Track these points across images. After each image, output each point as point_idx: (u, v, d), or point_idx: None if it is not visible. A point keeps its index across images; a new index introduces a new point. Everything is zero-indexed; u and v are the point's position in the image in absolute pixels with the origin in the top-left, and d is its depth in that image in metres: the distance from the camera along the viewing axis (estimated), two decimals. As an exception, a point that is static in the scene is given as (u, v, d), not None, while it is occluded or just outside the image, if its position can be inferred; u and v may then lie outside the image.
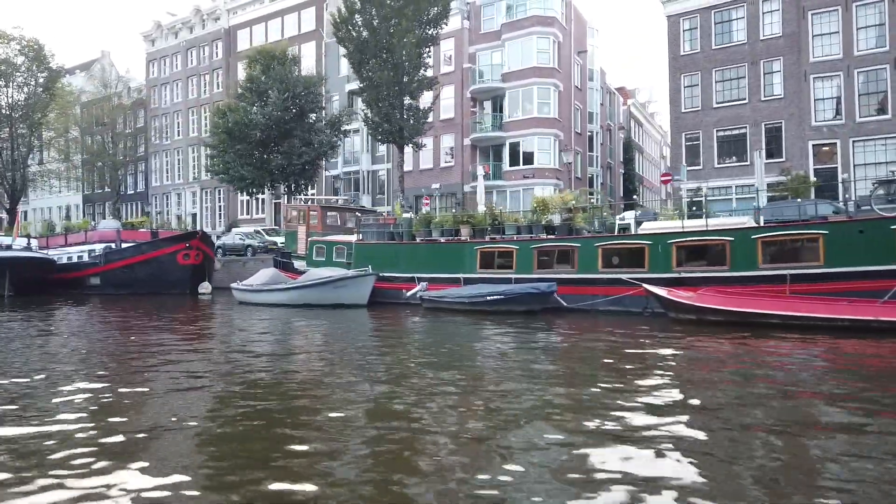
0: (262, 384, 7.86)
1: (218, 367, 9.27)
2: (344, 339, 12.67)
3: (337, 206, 25.04)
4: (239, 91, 32.66)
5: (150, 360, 9.92)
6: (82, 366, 9.43)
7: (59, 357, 10.21)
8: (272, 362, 9.75)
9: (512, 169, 36.23)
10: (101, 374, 8.73)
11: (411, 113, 29.56)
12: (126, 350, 11.17)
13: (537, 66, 35.50)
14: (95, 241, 28.99)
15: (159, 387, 7.70)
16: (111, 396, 7.21)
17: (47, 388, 7.68)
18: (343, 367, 9.14)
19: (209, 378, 8.36)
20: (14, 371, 8.94)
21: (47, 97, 48.70)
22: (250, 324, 15.70)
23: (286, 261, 22.74)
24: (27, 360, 10.10)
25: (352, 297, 18.31)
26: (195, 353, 10.85)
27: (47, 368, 9.13)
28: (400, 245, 19.94)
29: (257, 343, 12.14)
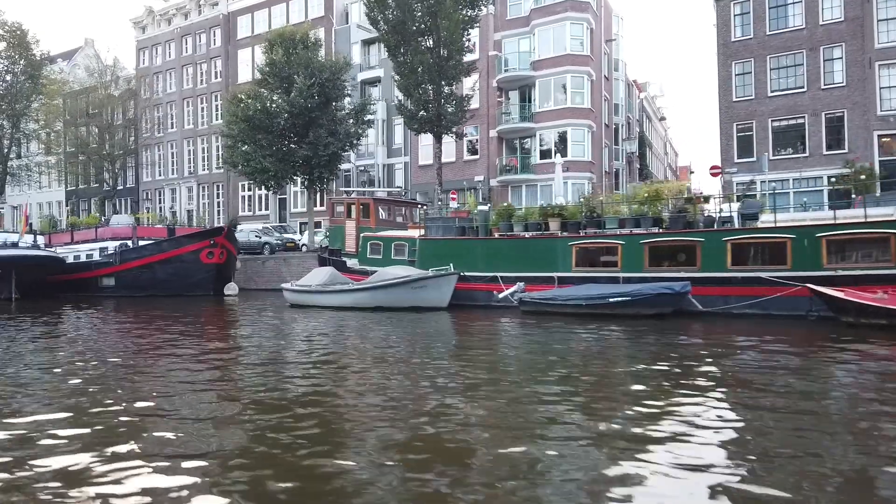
0: (381, 412, 5.91)
1: (311, 383, 7.27)
2: (444, 349, 10.74)
3: (391, 198, 22.93)
4: (258, 77, 30.26)
5: (215, 383, 7.89)
6: (119, 402, 6.99)
7: (93, 394, 7.83)
8: (378, 377, 7.77)
9: (543, 162, 34.43)
10: (150, 415, 6.35)
11: (452, 100, 27.58)
12: (176, 375, 8.81)
13: (571, 54, 33.77)
14: (108, 239, 26.44)
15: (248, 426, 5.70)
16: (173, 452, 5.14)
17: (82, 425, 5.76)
18: (465, 391, 7.22)
19: (302, 401, 6.38)
20: (30, 396, 7.24)
21: (31, 86, 45.60)
22: (317, 330, 13.71)
23: (337, 259, 20.60)
24: (45, 381, 8.31)
25: (432, 298, 16.35)
26: (278, 374, 8.82)
27: (78, 399, 7.07)
28: (475, 241, 18.00)
29: (343, 355, 10.13)
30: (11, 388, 7.74)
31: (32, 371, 9.29)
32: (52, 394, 7.42)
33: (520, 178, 35.04)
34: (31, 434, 5.57)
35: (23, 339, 13.27)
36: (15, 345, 12.57)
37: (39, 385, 8.04)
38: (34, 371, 9.28)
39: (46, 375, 8.83)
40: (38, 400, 7.10)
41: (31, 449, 5.14)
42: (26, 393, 7.50)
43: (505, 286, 16.25)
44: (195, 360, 10.02)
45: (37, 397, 7.26)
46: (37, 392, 7.56)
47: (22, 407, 6.70)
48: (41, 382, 8.24)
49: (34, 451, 5.08)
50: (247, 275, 30.36)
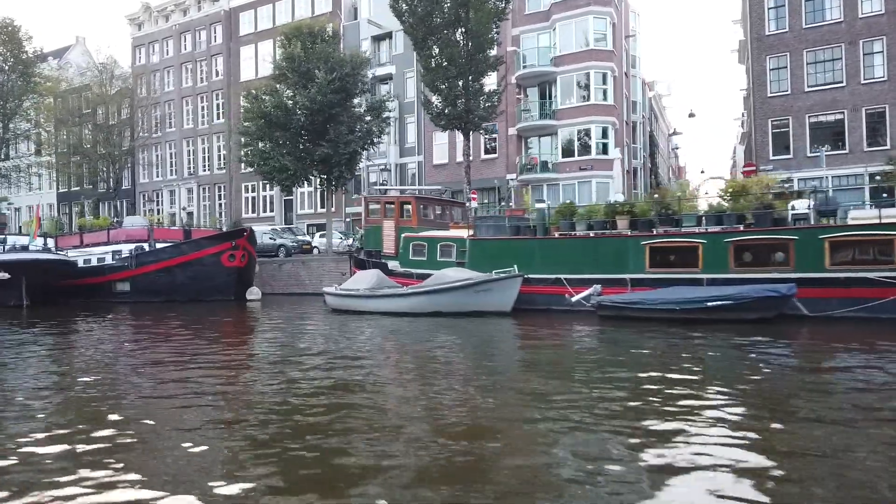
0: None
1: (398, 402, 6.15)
2: (520, 360, 9.64)
3: (432, 197, 21.74)
4: (274, 72, 28.93)
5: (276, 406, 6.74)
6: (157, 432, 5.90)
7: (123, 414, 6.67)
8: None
9: (565, 160, 33.45)
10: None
11: (480, 95, 26.48)
12: (223, 393, 7.68)
13: (594, 49, 32.83)
14: (121, 241, 24.97)
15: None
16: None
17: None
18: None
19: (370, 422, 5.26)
20: (45, 416, 6.61)
21: (23, 84, 43.85)
22: (376, 337, 12.57)
23: (378, 261, 19.39)
24: (59, 394, 7.74)
25: (495, 303, 15.24)
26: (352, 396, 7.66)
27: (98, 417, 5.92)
28: (533, 242, 16.91)
29: (413, 367, 8.98)
30: (24, 400, 7.45)
31: (46, 383, 8.62)
32: (65, 407, 7.04)
33: (541, 177, 34.01)
34: (46, 448, 5.35)
35: (36, 350, 12.15)
36: (28, 355, 11.48)
37: (52, 398, 7.61)
38: (48, 383, 8.62)
39: (60, 388, 8.20)
40: (53, 413, 6.79)
41: (46, 461, 5.00)
42: (39, 406, 7.12)
43: (573, 289, 15.16)
44: (239, 372, 8.83)
45: (50, 411, 6.90)
46: (49, 405, 7.17)
47: (36, 419, 6.46)
48: (55, 395, 7.78)
49: (50, 463, 4.93)
50: (262, 279, 29.00)
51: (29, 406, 7.10)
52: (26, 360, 10.98)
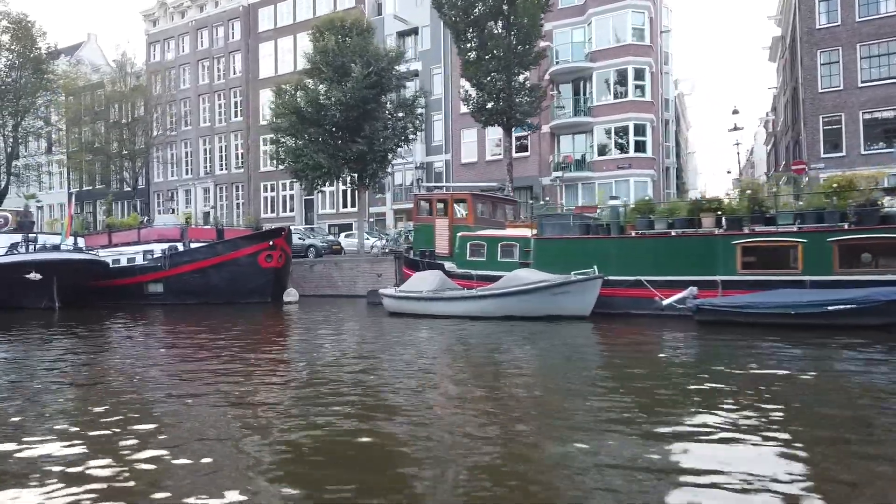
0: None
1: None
2: (623, 373, 8.64)
3: (488, 194, 20.75)
4: (308, 67, 27.93)
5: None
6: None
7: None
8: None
9: (602, 158, 32.51)
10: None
11: (523, 89, 25.55)
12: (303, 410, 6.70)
13: (633, 44, 31.90)
14: (152, 241, 23.95)
15: None
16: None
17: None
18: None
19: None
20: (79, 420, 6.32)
21: (36, 81, 42.87)
22: (450, 344, 11.58)
23: (433, 262, 18.39)
24: (105, 406, 7.01)
25: (573, 306, 14.26)
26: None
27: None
28: (607, 241, 15.92)
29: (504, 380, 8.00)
30: (60, 402, 7.25)
31: (83, 388, 8.13)
32: (102, 413, 6.65)
33: (576, 176, 33.05)
34: (76, 449, 5.27)
35: (73, 355, 11.18)
36: (64, 360, 10.59)
37: (89, 402, 7.29)
38: (84, 388, 8.13)
39: (97, 394, 7.72)
40: (87, 417, 6.58)
41: (74, 462, 4.95)
42: (74, 409, 6.92)
43: (659, 291, 14.18)
44: (299, 381, 7.83)
45: (84, 415, 6.66)
46: (85, 409, 6.91)
47: (69, 422, 6.29)
48: (91, 399, 7.43)
49: (84, 470, 4.78)
50: (293, 280, 27.97)
51: (65, 409, 6.87)
52: (62, 365, 10.07)
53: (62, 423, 6.25)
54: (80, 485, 4.45)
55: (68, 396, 7.75)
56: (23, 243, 20.64)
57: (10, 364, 10.43)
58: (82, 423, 6.28)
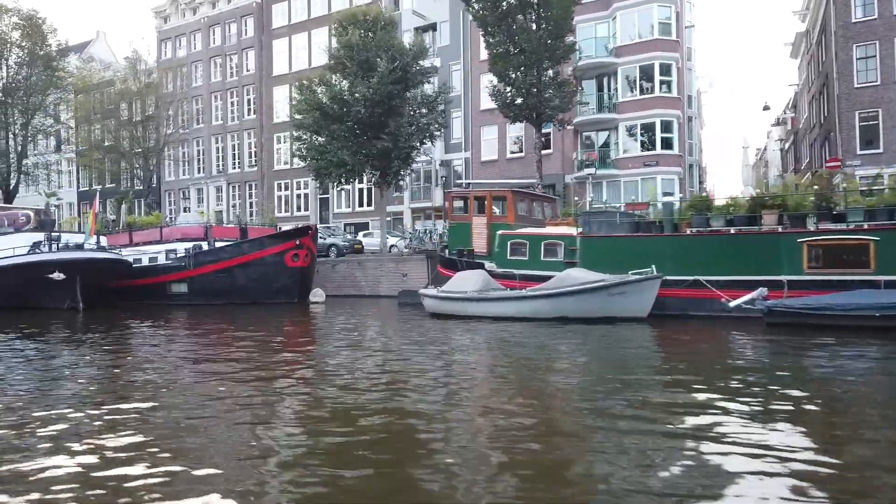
0: None
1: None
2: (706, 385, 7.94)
3: (528, 191, 20.12)
4: (331, 62, 27.30)
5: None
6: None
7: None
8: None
9: (627, 156, 31.87)
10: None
11: (553, 84, 24.93)
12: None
13: (659, 39, 31.26)
14: (175, 240, 23.35)
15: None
16: None
17: None
18: None
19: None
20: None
21: (48, 78, 42.31)
22: (497, 348, 10.98)
23: (471, 261, 17.75)
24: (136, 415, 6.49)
25: (630, 307, 13.65)
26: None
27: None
28: (660, 239, 15.30)
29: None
30: (91, 405, 6.96)
31: (116, 395, 7.62)
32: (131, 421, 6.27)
33: (600, 174, 32.40)
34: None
35: (105, 361, 10.57)
36: (96, 364, 10.10)
37: (120, 409, 6.81)
38: (117, 396, 7.60)
39: (130, 402, 7.17)
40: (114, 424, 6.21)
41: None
42: (106, 415, 6.53)
43: (722, 292, 13.53)
44: (338, 386, 7.20)
45: (112, 422, 6.29)
46: (114, 416, 6.49)
47: (101, 427, 5.99)
48: (123, 406, 6.96)
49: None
50: (315, 280, 27.39)
51: (97, 414, 6.56)
52: (97, 370, 9.58)
53: (95, 430, 5.88)
54: (101, 490, 4.33)
55: (106, 402, 7.18)
56: (45, 242, 20.04)
57: (45, 368, 9.81)
58: (118, 428, 5.94)
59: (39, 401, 7.24)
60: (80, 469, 4.75)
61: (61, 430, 5.87)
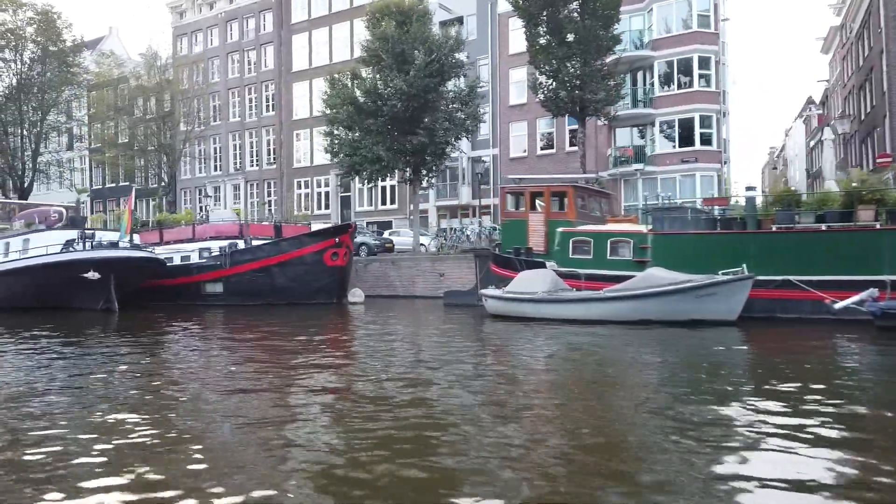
0: None
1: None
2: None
3: (589, 186, 19.24)
4: (364, 55, 26.39)
5: None
6: None
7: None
8: None
9: (665, 152, 30.95)
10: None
11: (599, 76, 24.05)
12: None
13: (699, 31, 30.33)
14: (208, 238, 22.47)
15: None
16: None
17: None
18: None
19: None
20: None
21: (63, 74, 41.51)
22: (577, 354, 10.07)
23: (531, 260, 16.86)
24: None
25: (719, 310, 12.76)
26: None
27: None
28: (744, 236, 14.40)
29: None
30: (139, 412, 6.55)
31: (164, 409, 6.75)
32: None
33: (635, 171, 31.50)
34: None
35: (153, 367, 9.78)
36: (146, 376, 9.04)
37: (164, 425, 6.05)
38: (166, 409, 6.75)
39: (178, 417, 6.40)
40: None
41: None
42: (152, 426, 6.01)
43: (825, 293, 12.62)
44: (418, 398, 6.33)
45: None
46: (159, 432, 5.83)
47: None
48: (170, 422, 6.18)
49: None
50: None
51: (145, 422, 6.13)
52: (148, 380, 8.64)
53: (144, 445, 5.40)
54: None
55: (172, 409, 6.35)
56: (79, 240, 19.17)
57: (93, 377, 8.93)
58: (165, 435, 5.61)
59: (103, 406, 6.79)
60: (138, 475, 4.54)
61: (123, 437, 5.47)
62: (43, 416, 6.32)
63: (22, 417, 6.34)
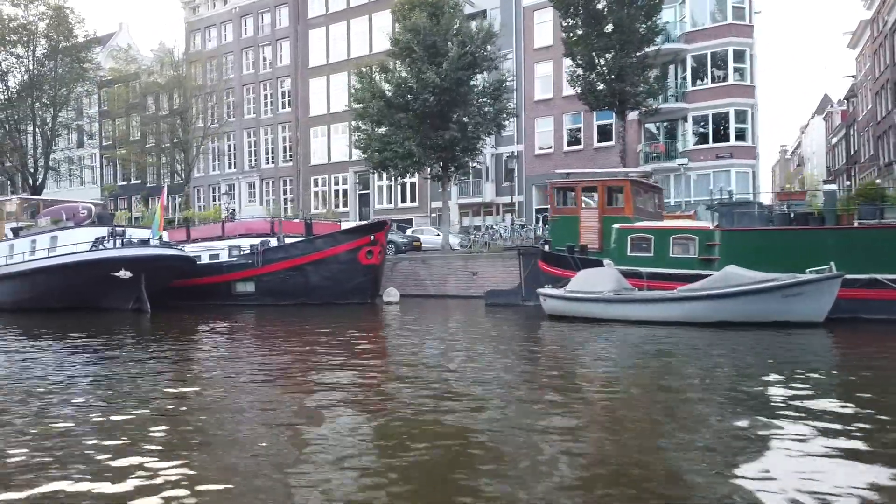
0: None
1: None
2: None
3: (644, 181, 18.46)
4: (396, 49, 25.57)
5: None
6: None
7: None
8: None
9: (698, 147, 30.15)
10: None
11: (639, 70, 23.29)
12: None
13: (734, 24, 29.54)
14: (238, 236, 21.69)
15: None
16: None
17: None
18: None
19: None
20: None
21: (75, 70, 40.79)
22: (661, 360, 9.28)
23: (588, 258, 16.06)
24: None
25: (806, 310, 11.99)
26: None
27: None
28: (823, 232, 13.61)
29: None
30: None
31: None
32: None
33: (667, 167, 30.70)
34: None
35: (191, 371, 8.81)
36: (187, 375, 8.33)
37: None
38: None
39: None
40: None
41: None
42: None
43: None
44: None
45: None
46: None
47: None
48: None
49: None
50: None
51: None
52: (180, 380, 7.91)
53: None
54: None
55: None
56: (110, 238, 18.39)
57: (140, 379, 8.18)
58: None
59: (150, 404, 6.50)
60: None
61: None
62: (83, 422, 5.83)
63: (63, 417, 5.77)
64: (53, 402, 6.88)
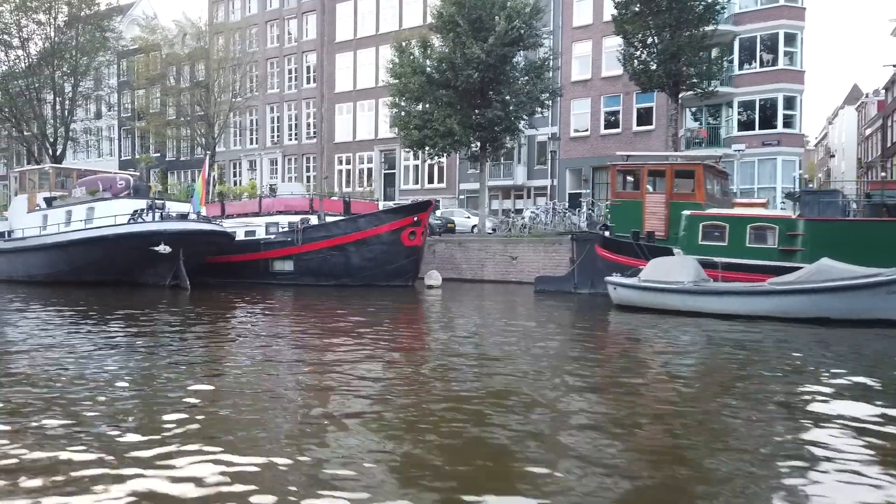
0: None
1: None
2: None
3: (717, 166, 17.57)
4: (439, 22, 24.56)
5: None
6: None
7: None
8: None
9: (745, 134, 29.12)
10: None
11: (697, 50, 22.29)
12: None
13: (785, 5, 28.40)
14: (276, 213, 20.92)
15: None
16: None
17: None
18: None
19: None
20: None
21: (97, 38, 39.87)
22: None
23: (656, 246, 15.24)
24: None
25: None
26: None
27: None
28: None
29: None
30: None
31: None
32: None
33: (710, 154, 29.63)
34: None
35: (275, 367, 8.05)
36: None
37: None
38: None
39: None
40: None
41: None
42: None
43: None
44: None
45: None
46: None
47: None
48: None
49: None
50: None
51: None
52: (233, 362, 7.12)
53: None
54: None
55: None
56: (149, 210, 17.66)
57: (194, 366, 7.47)
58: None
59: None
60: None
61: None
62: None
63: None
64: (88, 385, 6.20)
